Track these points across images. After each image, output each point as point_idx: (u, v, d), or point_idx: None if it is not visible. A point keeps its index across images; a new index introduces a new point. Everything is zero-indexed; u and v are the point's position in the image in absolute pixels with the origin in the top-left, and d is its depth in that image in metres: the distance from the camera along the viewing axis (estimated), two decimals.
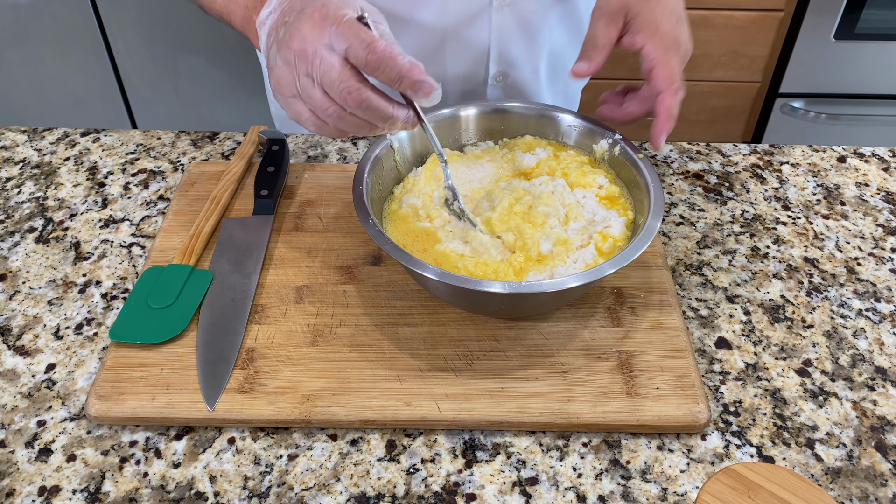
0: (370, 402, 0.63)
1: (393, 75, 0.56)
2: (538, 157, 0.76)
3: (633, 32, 0.71)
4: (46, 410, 0.64)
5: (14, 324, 0.71)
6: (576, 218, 0.70)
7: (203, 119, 1.94)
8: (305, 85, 0.58)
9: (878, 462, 0.61)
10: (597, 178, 0.73)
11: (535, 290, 0.60)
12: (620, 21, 0.72)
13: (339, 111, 0.58)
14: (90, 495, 0.59)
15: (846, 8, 1.69)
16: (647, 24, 0.70)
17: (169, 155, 0.91)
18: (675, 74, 0.69)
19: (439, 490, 0.59)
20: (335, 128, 0.60)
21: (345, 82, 0.56)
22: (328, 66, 0.56)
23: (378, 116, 0.58)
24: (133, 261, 0.77)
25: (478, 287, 0.60)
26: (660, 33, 0.70)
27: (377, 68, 0.56)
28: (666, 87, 0.68)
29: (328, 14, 0.57)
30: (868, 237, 0.81)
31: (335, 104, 0.58)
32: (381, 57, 0.55)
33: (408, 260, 0.62)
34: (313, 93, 0.58)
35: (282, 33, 0.59)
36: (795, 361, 0.69)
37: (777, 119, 1.89)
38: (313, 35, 0.56)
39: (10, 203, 0.84)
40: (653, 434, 0.63)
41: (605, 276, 0.61)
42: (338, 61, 0.56)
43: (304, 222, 0.79)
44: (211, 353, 0.66)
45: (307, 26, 0.57)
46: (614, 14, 0.72)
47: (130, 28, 1.78)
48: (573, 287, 0.60)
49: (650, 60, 0.70)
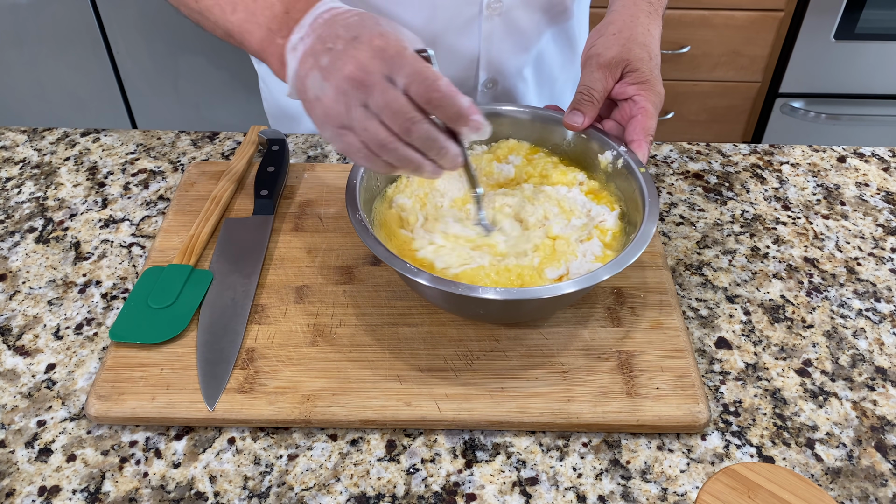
0: (370, 402, 0.63)
1: (452, 113, 0.55)
2: (513, 164, 0.76)
3: (625, 83, 0.72)
4: (46, 410, 0.64)
5: (14, 324, 0.71)
6: (577, 215, 0.70)
7: (203, 119, 1.94)
8: (359, 116, 0.55)
9: (878, 462, 0.61)
10: (576, 174, 0.74)
11: (530, 296, 0.60)
12: (618, 73, 0.72)
13: (396, 143, 0.56)
14: (90, 495, 0.59)
15: (846, 8, 1.69)
16: (643, 81, 0.72)
17: (169, 155, 0.91)
18: (653, 128, 0.71)
19: (439, 490, 0.59)
20: (385, 162, 0.58)
21: (409, 113, 0.55)
22: (391, 98, 0.54)
23: (436, 148, 0.57)
24: (133, 261, 0.77)
25: (470, 293, 0.60)
26: (653, 91, 0.72)
27: (440, 106, 0.55)
28: (643, 137, 0.70)
29: (389, 45, 0.55)
30: (868, 237, 0.81)
31: (394, 136, 0.56)
32: (444, 95, 0.54)
33: (401, 266, 0.61)
34: (369, 124, 0.55)
35: (326, 61, 0.56)
36: (795, 361, 0.69)
37: (777, 119, 1.89)
38: (373, 65, 0.54)
39: (10, 203, 0.84)
40: (653, 434, 0.63)
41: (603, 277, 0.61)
42: (399, 94, 0.54)
43: (304, 222, 0.79)
44: (211, 353, 0.66)
45: (365, 55, 0.54)
46: (612, 66, 0.72)
47: (130, 28, 1.78)
48: (569, 293, 0.60)
49: (637, 109, 0.71)
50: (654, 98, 0.72)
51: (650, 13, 0.78)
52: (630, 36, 0.74)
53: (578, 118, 0.72)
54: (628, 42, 0.73)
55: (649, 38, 0.75)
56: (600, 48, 0.73)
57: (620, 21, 0.76)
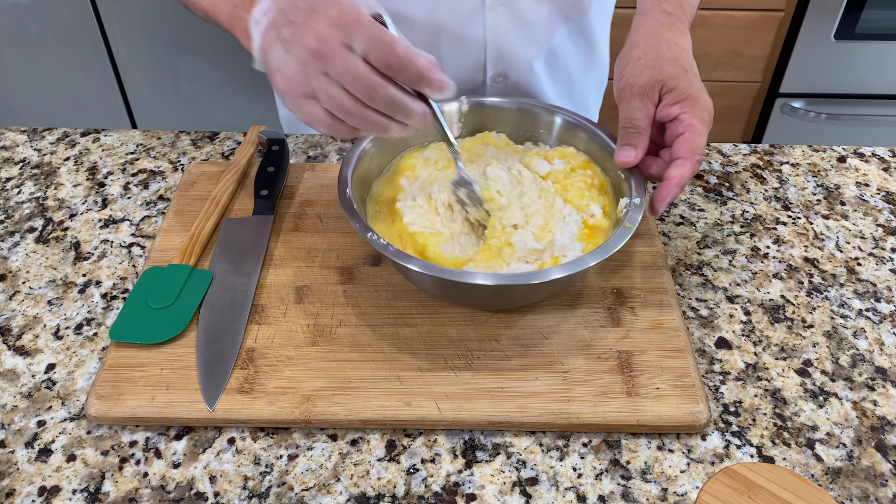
0: (370, 402, 0.63)
1: (413, 76, 0.57)
2: (551, 168, 0.74)
3: (668, 104, 0.68)
4: (46, 410, 0.64)
5: (14, 324, 0.71)
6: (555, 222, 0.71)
7: (203, 119, 1.94)
8: (322, 84, 0.57)
9: (878, 462, 0.61)
10: (591, 205, 0.71)
11: (519, 282, 0.61)
12: (656, 96, 0.68)
13: (360, 109, 0.58)
14: (90, 495, 0.59)
15: (846, 8, 1.69)
16: (686, 97, 0.67)
17: (169, 155, 0.91)
18: (702, 146, 0.66)
19: (439, 490, 0.59)
20: (350, 127, 0.60)
21: (370, 79, 0.56)
22: (350, 65, 0.56)
23: (400, 111, 0.59)
24: (133, 261, 0.77)
25: (460, 279, 0.61)
26: (698, 104, 0.67)
27: (399, 70, 0.56)
28: (689, 156, 0.66)
29: (345, 13, 0.56)
30: (868, 237, 0.81)
31: (357, 102, 0.57)
32: (402, 59, 0.56)
33: (401, 256, 0.62)
34: (333, 91, 0.57)
35: (287, 33, 0.58)
36: (795, 361, 0.69)
37: (777, 119, 1.89)
38: (331, 34, 0.56)
39: (10, 203, 0.84)
40: (653, 434, 0.63)
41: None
42: (359, 60, 0.56)
43: (304, 222, 0.79)
44: (211, 353, 0.66)
45: (322, 25, 0.56)
46: (648, 91, 0.68)
47: (130, 28, 1.77)
48: (558, 278, 0.61)
49: (684, 126, 0.66)
50: (700, 112, 0.67)
51: (672, 25, 0.74)
52: (657, 56, 0.70)
53: (630, 153, 0.68)
54: (657, 62, 0.69)
55: (679, 52, 0.71)
56: (630, 77, 0.70)
57: (643, 42, 0.72)
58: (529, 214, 0.69)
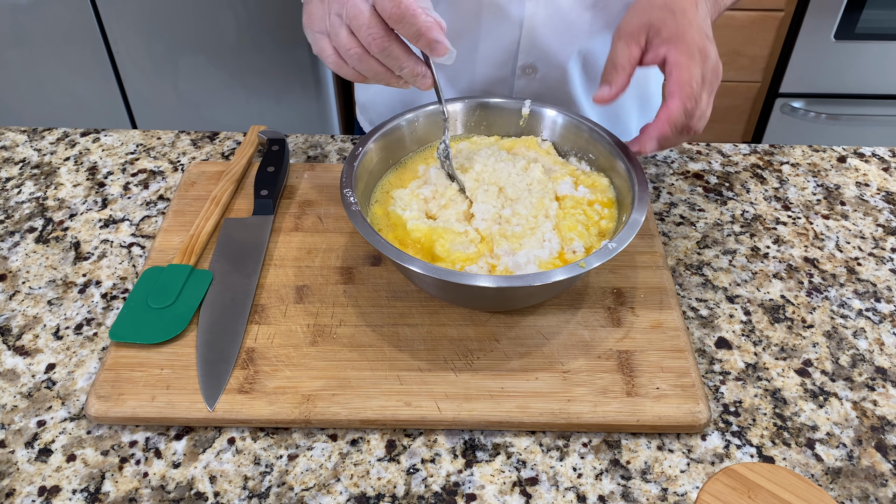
0: (370, 402, 0.63)
1: (412, 31, 0.59)
2: (572, 193, 0.72)
3: (655, 46, 0.67)
4: (46, 410, 0.64)
5: (14, 324, 0.71)
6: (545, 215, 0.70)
7: (203, 119, 1.94)
8: (334, 23, 0.61)
9: (878, 462, 0.61)
10: (576, 241, 0.69)
11: (520, 283, 0.61)
12: (642, 39, 0.68)
13: (361, 54, 0.61)
14: (90, 495, 0.59)
15: (846, 8, 1.69)
16: (672, 36, 0.66)
17: (169, 155, 0.91)
18: (692, 81, 0.64)
19: (439, 490, 0.59)
20: (354, 69, 0.63)
21: (372, 28, 0.59)
22: (358, 11, 0.59)
23: (397, 66, 0.61)
24: (133, 261, 0.77)
25: (461, 280, 0.61)
26: (684, 42, 0.65)
27: (399, 22, 0.58)
28: (677, 91, 0.63)
29: None
30: (868, 237, 0.81)
31: (359, 46, 0.61)
32: (404, 12, 0.58)
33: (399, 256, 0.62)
34: (340, 31, 0.61)
35: None
36: (795, 361, 0.69)
37: (777, 119, 1.89)
38: None
39: (10, 203, 0.84)
40: (653, 434, 0.63)
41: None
42: (367, 8, 0.59)
43: (304, 222, 0.79)
44: (211, 353, 0.66)
45: None
46: (635, 33, 0.68)
47: (130, 28, 1.77)
48: (560, 280, 0.60)
49: (670, 65, 0.65)
50: (686, 47, 0.65)
51: None
52: (649, 2, 0.69)
53: (605, 89, 0.68)
54: (648, 8, 0.68)
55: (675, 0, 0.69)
56: (622, 23, 0.69)
57: None
58: (505, 217, 0.69)
